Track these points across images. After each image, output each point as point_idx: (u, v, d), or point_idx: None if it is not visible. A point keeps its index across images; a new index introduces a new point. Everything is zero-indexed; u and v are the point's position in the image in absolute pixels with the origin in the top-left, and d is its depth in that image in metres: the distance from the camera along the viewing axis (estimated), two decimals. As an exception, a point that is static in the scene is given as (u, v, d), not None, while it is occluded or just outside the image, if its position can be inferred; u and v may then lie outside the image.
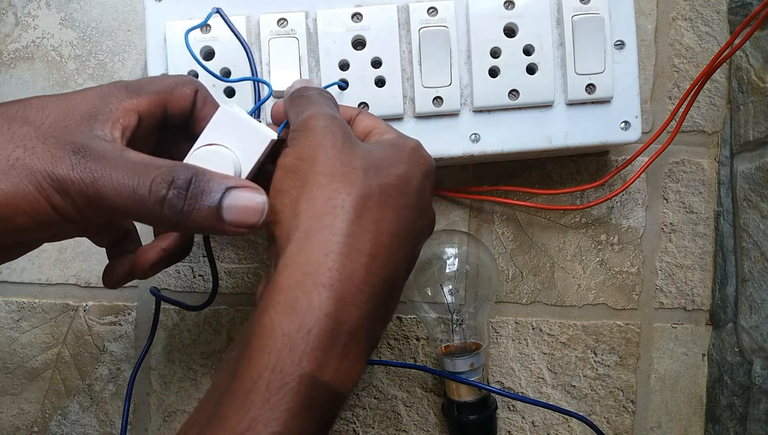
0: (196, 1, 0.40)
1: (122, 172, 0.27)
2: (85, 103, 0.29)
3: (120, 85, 0.30)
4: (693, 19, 0.47)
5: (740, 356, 0.44)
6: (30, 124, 0.27)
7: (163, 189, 0.27)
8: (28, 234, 0.27)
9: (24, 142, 0.26)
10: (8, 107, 0.28)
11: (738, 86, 0.45)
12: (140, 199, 0.27)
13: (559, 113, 0.41)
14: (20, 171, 0.26)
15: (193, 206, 0.27)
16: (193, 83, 0.33)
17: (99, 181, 0.26)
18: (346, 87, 0.40)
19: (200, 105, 0.33)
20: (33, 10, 0.47)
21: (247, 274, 0.47)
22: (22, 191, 0.26)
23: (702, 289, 0.47)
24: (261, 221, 0.28)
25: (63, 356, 0.47)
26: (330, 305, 0.26)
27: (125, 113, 0.29)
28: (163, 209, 0.27)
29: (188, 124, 0.33)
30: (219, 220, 0.28)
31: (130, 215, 0.27)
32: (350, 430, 0.47)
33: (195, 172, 0.28)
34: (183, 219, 0.27)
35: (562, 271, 0.47)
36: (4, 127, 0.27)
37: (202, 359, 0.47)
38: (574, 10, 0.40)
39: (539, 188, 0.46)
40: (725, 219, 0.46)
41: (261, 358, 0.25)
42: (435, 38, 0.40)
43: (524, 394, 0.47)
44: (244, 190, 0.28)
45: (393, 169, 0.29)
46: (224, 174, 0.29)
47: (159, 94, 0.31)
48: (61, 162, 0.26)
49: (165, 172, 0.27)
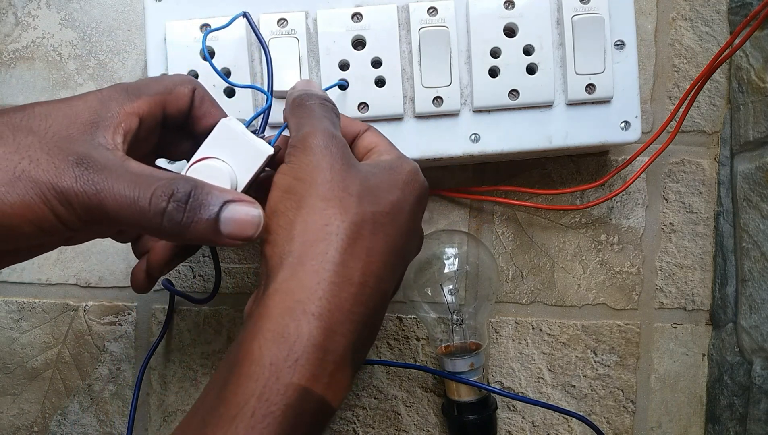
0: (196, 1, 0.40)
1: (124, 183, 0.27)
2: (87, 109, 0.29)
3: (120, 88, 0.31)
4: (693, 19, 0.47)
5: (740, 356, 0.44)
6: (34, 133, 0.28)
7: (163, 202, 0.27)
8: (34, 241, 0.28)
9: (29, 153, 0.27)
10: (12, 115, 0.28)
11: (738, 86, 0.45)
12: (141, 211, 0.27)
13: (559, 113, 0.41)
14: (26, 183, 0.26)
15: (192, 219, 0.28)
16: (190, 82, 0.33)
17: (101, 193, 0.27)
18: (347, 87, 0.40)
19: (198, 103, 0.33)
20: (33, 10, 0.47)
21: (247, 274, 0.47)
22: (28, 202, 0.26)
23: (702, 289, 0.47)
24: (257, 234, 0.29)
25: (63, 356, 0.47)
26: (318, 335, 0.27)
27: (126, 117, 0.30)
28: (163, 221, 0.28)
29: (186, 123, 0.34)
30: (216, 232, 0.28)
31: (131, 225, 0.28)
32: (350, 430, 0.47)
33: (194, 185, 0.28)
34: (182, 230, 0.28)
35: (562, 271, 0.47)
36: (9, 138, 0.27)
37: (202, 359, 0.47)
38: (574, 10, 0.40)
39: (539, 188, 0.46)
40: (725, 219, 0.46)
41: (248, 385, 0.26)
42: (435, 38, 0.40)
43: (524, 394, 0.47)
44: (241, 204, 0.29)
45: (387, 196, 0.30)
46: (222, 187, 0.30)
47: (158, 95, 0.32)
48: (64, 174, 0.27)
49: (165, 185, 0.28)
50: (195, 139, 0.34)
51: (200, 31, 0.40)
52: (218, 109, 0.34)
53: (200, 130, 0.34)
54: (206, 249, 0.47)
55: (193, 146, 0.34)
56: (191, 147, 0.36)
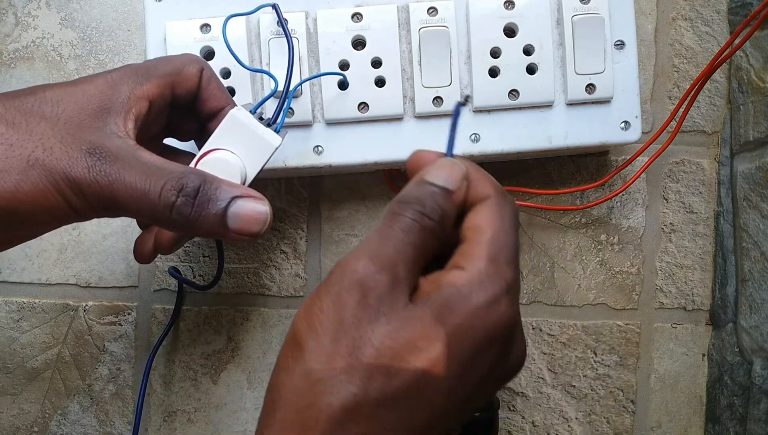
0: (196, 1, 0.40)
1: (135, 175, 0.28)
2: (97, 94, 0.30)
3: (129, 70, 0.31)
4: (693, 19, 0.47)
5: (740, 356, 0.44)
6: (46, 120, 0.28)
7: (172, 196, 0.28)
8: (45, 227, 0.29)
9: (42, 141, 0.27)
10: (23, 100, 0.29)
11: (738, 86, 0.45)
12: (151, 203, 0.28)
13: (559, 113, 0.41)
14: (39, 171, 0.27)
15: (200, 213, 0.28)
16: (198, 62, 0.34)
17: (113, 184, 0.28)
18: (347, 86, 0.40)
19: (206, 84, 0.34)
20: (33, 10, 0.47)
21: (247, 274, 0.47)
22: (42, 190, 0.27)
23: (702, 289, 0.47)
24: (263, 231, 0.30)
25: (63, 356, 0.47)
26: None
27: (137, 101, 0.30)
28: (172, 214, 0.28)
29: (194, 103, 0.34)
30: (224, 227, 0.29)
31: (140, 216, 0.29)
32: (350, 430, 0.47)
33: (203, 179, 0.29)
34: (190, 224, 0.29)
35: (562, 271, 0.47)
36: (22, 124, 0.28)
37: (202, 359, 0.47)
38: (574, 10, 0.40)
39: (539, 188, 0.46)
40: (725, 219, 0.46)
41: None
42: (435, 38, 0.40)
43: (524, 394, 0.47)
44: (249, 200, 0.29)
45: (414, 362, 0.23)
46: (231, 182, 0.30)
47: (168, 76, 0.32)
48: (77, 163, 0.27)
49: (175, 179, 0.28)
50: (201, 120, 0.35)
51: (201, 32, 0.40)
52: (224, 92, 0.35)
53: (207, 111, 0.34)
54: (206, 248, 0.47)
55: (201, 126, 0.34)
56: (198, 127, 0.36)
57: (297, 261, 0.47)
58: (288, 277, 0.47)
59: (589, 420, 0.47)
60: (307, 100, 0.40)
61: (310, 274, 0.47)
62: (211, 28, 0.40)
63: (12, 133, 0.27)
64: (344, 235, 0.47)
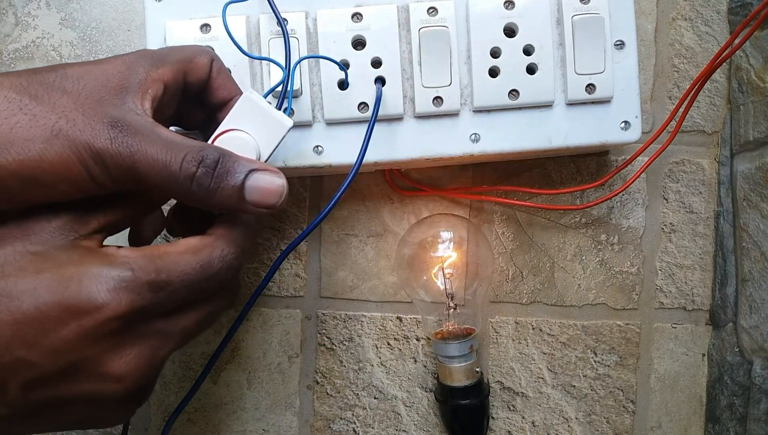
0: (196, 1, 0.40)
1: (157, 147, 0.29)
2: (116, 73, 0.30)
3: (145, 54, 0.32)
4: (693, 19, 0.47)
5: (740, 356, 0.44)
6: (68, 94, 0.29)
7: (193, 166, 0.29)
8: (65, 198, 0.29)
9: (65, 112, 0.28)
10: (45, 75, 0.29)
11: (738, 86, 0.45)
12: (172, 175, 0.29)
13: (559, 113, 0.41)
14: (63, 141, 0.27)
15: (219, 184, 0.29)
16: (209, 53, 0.34)
17: (135, 155, 0.28)
18: (346, 84, 0.40)
19: (215, 75, 0.34)
20: (33, 10, 0.47)
21: (247, 274, 0.47)
22: (65, 160, 0.27)
23: (702, 289, 0.47)
24: (279, 203, 0.31)
25: (63, 356, 0.47)
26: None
27: (153, 83, 0.31)
28: (192, 185, 0.29)
29: (203, 93, 0.35)
30: (241, 199, 0.30)
31: (160, 188, 0.29)
32: (350, 430, 0.47)
33: (222, 153, 0.30)
34: (209, 195, 0.30)
35: (562, 271, 0.47)
36: (45, 97, 0.28)
37: (202, 359, 0.47)
38: (574, 10, 0.40)
39: (539, 188, 0.46)
40: (725, 219, 0.46)
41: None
42: (435, 38, 0.40)
43: (524, 394, 0.47)
44: (266, 173, 0.30)
45: None
46: (248, 157, 0.31)
47: (180, 63, 0.33)
48: (100, 135, 0.28)
49: (195, 151, 0.29)
50: (209, 110, 0.35)
51: (201, 32, 0.40)
52: (233, 83, 0.36)
53: (215, 101, 0.35)
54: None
55: (207, 117, 0.35)
56: (205, 118, 0.37)
57: (297, 261, 0.47)
58: (288, 277, 0.47)
59: (589, 420, 0.47)
60: (307, 100, 0.40)
61: (310, 274, 0.47)
62: (211, 28, 0.40)
63: (35, 104, 0.28)
64: (344, 235, 0.47)
